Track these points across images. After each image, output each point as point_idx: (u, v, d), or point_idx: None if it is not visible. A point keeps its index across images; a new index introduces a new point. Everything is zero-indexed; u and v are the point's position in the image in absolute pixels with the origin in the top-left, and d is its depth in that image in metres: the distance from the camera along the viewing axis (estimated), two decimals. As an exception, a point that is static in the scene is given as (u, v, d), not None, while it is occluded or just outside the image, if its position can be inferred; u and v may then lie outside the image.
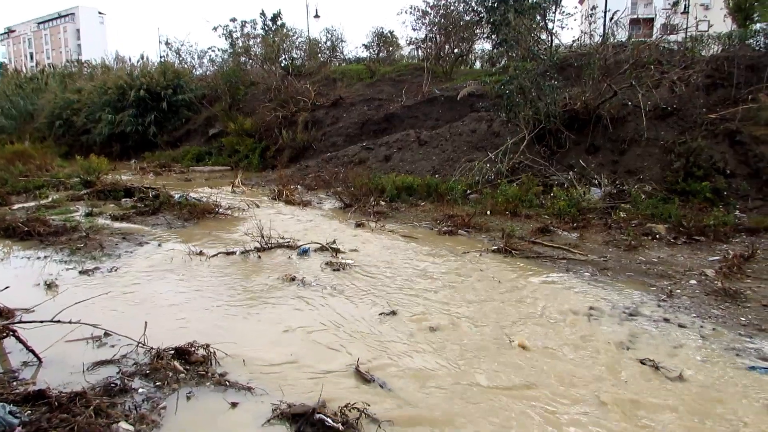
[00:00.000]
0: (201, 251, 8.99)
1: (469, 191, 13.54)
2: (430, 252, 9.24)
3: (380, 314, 6.44)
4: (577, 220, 10.72)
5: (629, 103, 14.67)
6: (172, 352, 5.24)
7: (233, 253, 9.03)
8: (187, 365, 5.15)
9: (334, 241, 9.44)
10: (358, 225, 11.35)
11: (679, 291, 7.19)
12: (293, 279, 7.72)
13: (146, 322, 5.46)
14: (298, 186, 16.27)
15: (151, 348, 5.25)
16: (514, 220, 11.10)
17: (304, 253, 9.07)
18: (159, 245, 9.63)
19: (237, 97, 26.33)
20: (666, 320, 6.26)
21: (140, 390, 4.65)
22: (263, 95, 24.81)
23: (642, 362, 5.23)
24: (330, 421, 4.23)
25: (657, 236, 9.74)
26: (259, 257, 8.86)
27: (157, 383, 4.79)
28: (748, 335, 5.90)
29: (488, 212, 11.80)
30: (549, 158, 14.60)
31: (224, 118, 24.46)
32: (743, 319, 6.32)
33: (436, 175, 15.14)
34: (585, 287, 7.39)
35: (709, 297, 6.95)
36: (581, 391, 4.72)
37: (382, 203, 13.25)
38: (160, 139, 26.65)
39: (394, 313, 6.47)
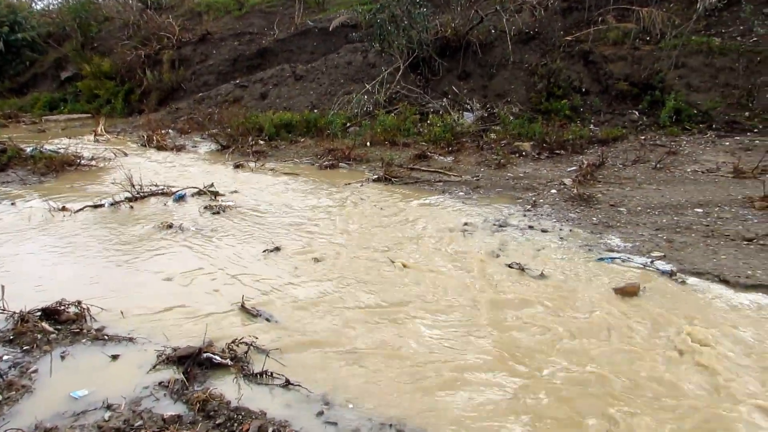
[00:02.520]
0: (64, 206, 8.26)
1: (348, 124, 13.52)
2: (313, 187, 9.23)
3: (264, 252, 6.40)
4: (452, 145, 11.18)
5: (495, 28, 15.18)
6: (39, 313, 4.89)
7: (101, 205, 8.40)
8: (58, 325, 4.84)
9: (212, 184, 9.09)
10: (237, 166, 10.99)
11: (542, 201, 7.86)
12: (170, 226, 7.38)
13: (3, 286, 5.00)
14: (170, 130, 15.26)
15: (14, 312, 4.85)
16: (393, 149, 11.32)
17: (180, 198, 8.66)
18: (12, 204, 8.69)
19: (90, 34, 23.57)
20: (531, 227, 6.86)
21: (4, 357, 4.31)
22: (120, 32, 22.46)
23: (509, 266, 5.72)
24: (218, 358, 4.24)
25: (523, 153, 10.47)
26: (131, 207, 8.33)
27: (25, 348, 4.47)
28: (598, 232, 6.64)
29: (368, 143, 11.92)
30: (424, 86, 14.89)
31: (77, 59, 21.90)
32: (594, 219, 7.09)
33: (315, 110, 14.90)
34: (460, 206, 7.84)
35: (567, 203, 7.69)
36: (457, 299, 5.09)
37: (261, 142, 12.88)
38: (0, 86, 23.45)
39: (278, 249, 6.47)
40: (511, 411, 3.56)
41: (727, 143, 11.28)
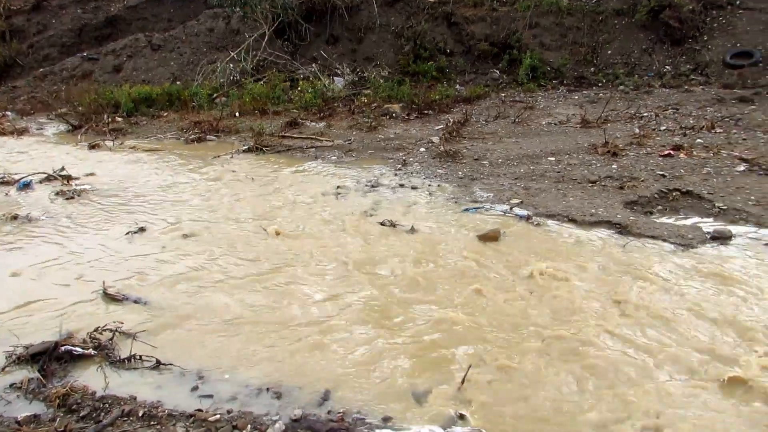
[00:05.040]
0: None
1: (214, 95, 12.89)
2: (179, 162, 8.74)
3: (127, 234, 6.00)
4: (323, 110, 11.13)
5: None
6: None
7: None
8: None
9: (62, 168, 8.27)
10: (92, 146, 10.09)
11: (411, 159, 8.12)
12: (16, 217, 6.64)
13: None
14: (7, 112, 13.58)
15: None
16: (263, 118, 11.00)
17: (25, 186, 7.79)
18: None
19: None
20: (402, 186, 7.07)
21: None
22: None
23: (382, 224, 5.88)
24: (79, 349, 3.95)
25: (393, 115, 10.69)
26: (-37, 202, 7.37)
27: None
28: (464, 185, 7.01)
29: (237, 114, 11.48)
30: (293, 53, 14.56)
31: None
32: (460, 173, 7.46)
33: (177, 82, 14.02)
34: (333, 170, 7.87)
35: (435, 160, 8.01)
36: (331, 260, 5.15)
37: (119, 119, 11.90)
38: None
39: (142, 229, 6.08)
40: (380, 359, 3.70)
41: (576, 97, 12.32)
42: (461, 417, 3.21)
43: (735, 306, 4.12)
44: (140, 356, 3.86)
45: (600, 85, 13.26)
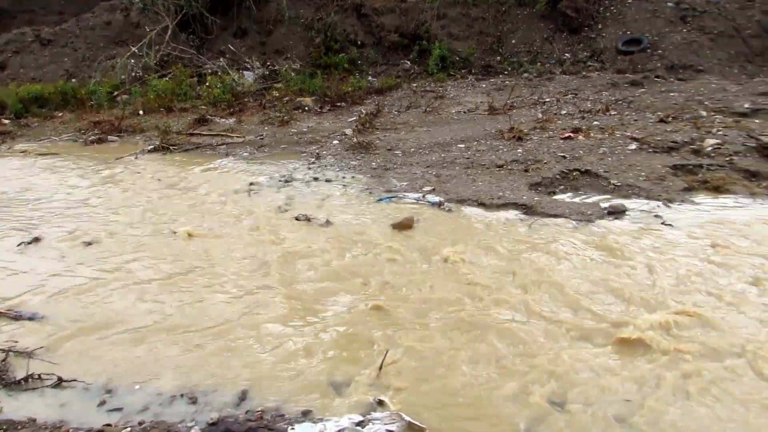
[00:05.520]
0: None
1: (115, 92, 12.19)
2: (77, 166, 8.20)
3: (19, 245, 5.56)
4: (233, 106, 10.82)
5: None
6: None
7: None
8: None
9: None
10: (-24, 153, 9.27)
11: (325, 152, 8.08)
12: None
13: None
14: None
15: None
16: (170, 116, 10.55)
17: None
18: None
19: None
20: (315, 179, 7.03)
21: None
22: None
23: (297, 219, 5.82)
24: (-40, 379, 3.63)
25: (306, 108, 10.58)
26: None
27: None
28: (377, 176, 7.07)
29: (141, 112, 10.92)
30: (199, 47, 14.03)
31: None
32: (374, 164, 7.52)
33: (73, 80, 13.11)
34: (245, 166, 7.68)
35: (349, 152, 8.02)
36: (245, 259, 5.04)
37: (6, 121, 10.99)
38: None
39: (37, 239, 5.66)
40: (298, 354, 3.68)
41: (484, 85, 12.74)
42: (380, 403, 3.25)
43: (627, 275, 4.45)
44: (39, 375, 3.60)
45: (506, 73, 13.79)
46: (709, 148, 7.20)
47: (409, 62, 14.31)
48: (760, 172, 6.45)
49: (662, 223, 5.36)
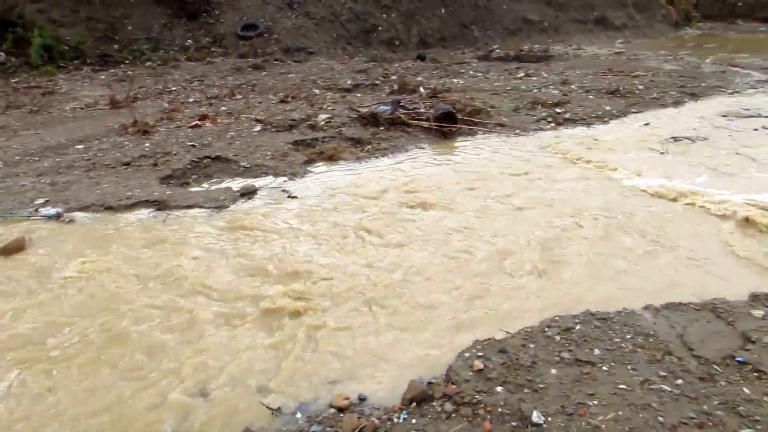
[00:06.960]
0: None
1: None
2: None
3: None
4: None
5: None
6: None
7: None
8: None
9: None
10: None
11: None
12: None
13: None
14: None
15: None
16: None
17: None
18: None
19: None
20: None
21: None
22: None
23: None
24: None
25: None
26: None
27: None
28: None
29: None
30: None
31: None
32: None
33: None
34: None
35: None
36: None
37: None
38: None
39: None
40: None
41: (103, 77, 11.64)
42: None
43: (262, 249, 4.72)
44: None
45: (127, 62, 12.88)
46: (323, 122, 8.16)
47: (3, 54, 12.03)
48: (362, 139, 7.64)
49: (288, 197, 5.85)
